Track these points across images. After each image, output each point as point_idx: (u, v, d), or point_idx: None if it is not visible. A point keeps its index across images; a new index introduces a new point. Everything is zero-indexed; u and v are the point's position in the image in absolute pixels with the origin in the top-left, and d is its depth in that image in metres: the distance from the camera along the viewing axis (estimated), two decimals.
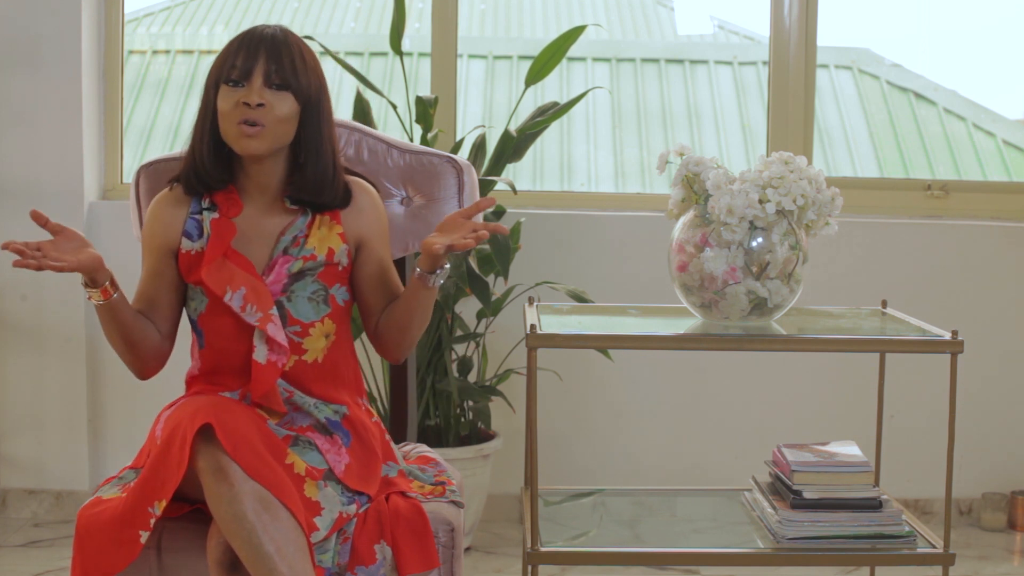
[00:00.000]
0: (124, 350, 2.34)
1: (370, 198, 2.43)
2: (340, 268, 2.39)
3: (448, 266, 2.32)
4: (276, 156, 2.34)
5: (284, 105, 2.29)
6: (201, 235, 2.35)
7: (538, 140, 3.92)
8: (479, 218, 2.40)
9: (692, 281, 2.63)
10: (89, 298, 2.26)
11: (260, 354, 2.28)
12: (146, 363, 2.37)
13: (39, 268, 2.16)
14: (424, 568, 2.25)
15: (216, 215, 2.34)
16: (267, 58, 2.28)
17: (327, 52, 3.70)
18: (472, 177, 2.69)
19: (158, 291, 2.38)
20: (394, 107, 3.79)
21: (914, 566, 3.25)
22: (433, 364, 3.74)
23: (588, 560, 2.70)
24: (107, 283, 2.26)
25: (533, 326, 2.58)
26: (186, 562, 2.23)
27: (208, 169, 2.33)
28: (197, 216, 2.36)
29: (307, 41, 2.40)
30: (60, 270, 2.18)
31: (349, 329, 2.44)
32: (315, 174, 2.34)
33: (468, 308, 3.92)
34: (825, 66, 4.98)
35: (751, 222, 2.59)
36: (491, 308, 3.74)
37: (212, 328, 2.35)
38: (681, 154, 2.69)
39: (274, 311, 2.30)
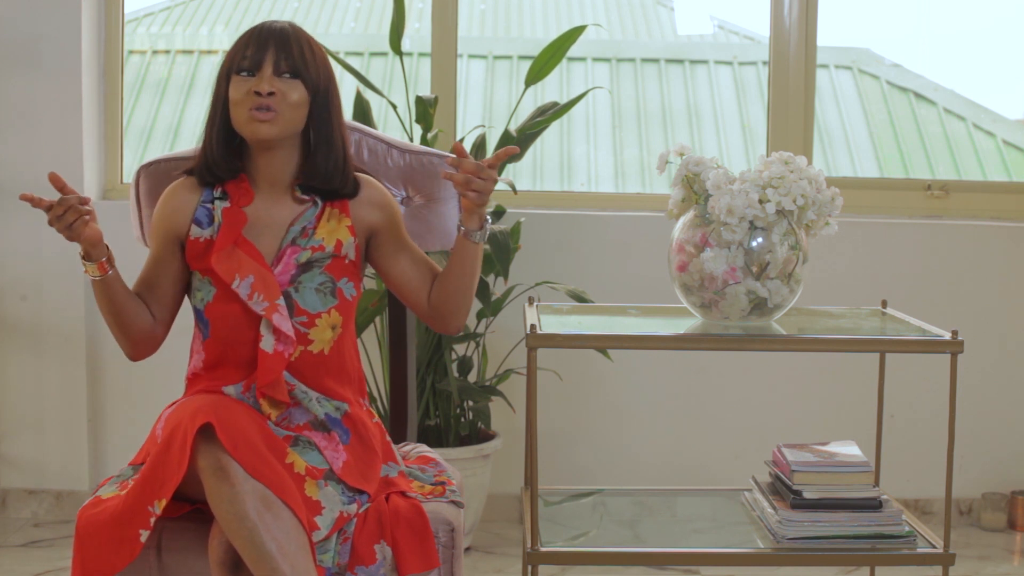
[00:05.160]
0: (114, 329, 2.38)
1: (378, 190, 2.47)
2: (347, 261, 2.40)
3: (490, 219, 2.34)
4: (287, 146, 2.38)
5: (294, 92, 2.33)
6: (211, 223, 2.37)
7: (538, 140, 3.92)
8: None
9: (692, 281, 2.63)
10: (85, 271, 2.30)
11: (267, 343, 2.30)
12: (135, 345, 2.39)
13: (72, 227, 2.21)
14: (424, 568, 2.25)
15: (227, 204, 2.37)
16: (276, 48, 2.33)
17: (327, 52, 3.70)
18: None
19: (159, 277, 2.40)
20: (394, 107, 3.79)
21: (914, 566, 3.25)
22: (433, 364, 3.74)
23: (588, 560, 2.70)
24: (104, 259, 2.29)
25: (533, 326, 2.58)
26: (186, 562, 2.23)
27: (218, 159, 2.37)
28: (208, 205, 2.39)
29: None
30: (81, 235, 2.22)
31: (355, 326, 2.46)
32: (326, 162, 2.38)
33: None
34: (825, 66, 4.98)
35: (751, 222, 2.59)
36: (491, 308, 3.74)
37: (219, 316, 2.35)
38: (681, 154, 2.69)
39: (281, 301, 2.32)
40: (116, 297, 2.33)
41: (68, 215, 2.21)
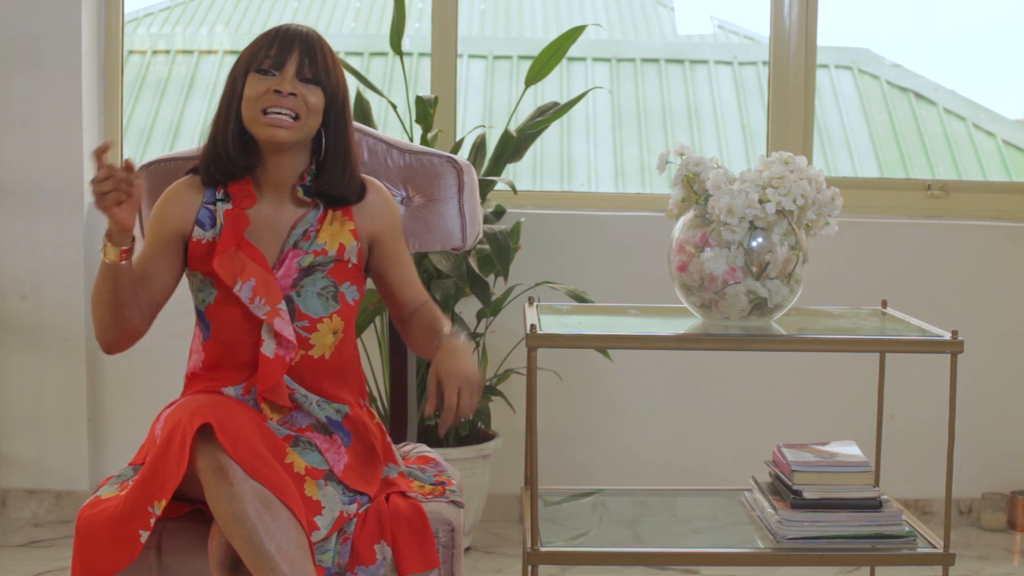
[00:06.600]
0: (108, 317, 2.30)
1: (382, 196, 2.47)
2: (350, 266, 2.40)
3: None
4: (298, 151, 2.37)
5: (313, 97, 2.33)
6: (214, 225, 2.36)
7: (538, 140, 3.92)
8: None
9: (692, 281, 2.63)
10: (102, 251, 2.25)
11: (268, 348, 2.30)
12: (121, 336, 2.32)
13: (105, 196, 2.16)
14: (424, 568, 2.25)
15: (230, 206, 2.36)
16: (302, 51, 2.34)
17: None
18: (472, 177, 2.69)
19: (155, 271, 2.37)
20: (394, 107, 3.79)
21: (914, 566, 3.25)
22: None
23: (588, 560, 2.70)
24: (125, 248, 2.24)
25: (533, 326, 2.58)
26: (186, 562, 2.23)
27: (232, 156, 2.35)
28: (211, 206, 2.37)
29: None
30: (109, 209, 2.17)
31: (355, 330, 2.45)
32: (334, 171, 2.38)
33: (468, 308, 3.92)
34: (825, 66, 4.98)
35: (751, 222, 2.59)
36: (491, 308, 3.74)
37: (220, 319, 2.35)
38: (681, 154, 2.69)
39: (282, 305, 2.31)
40: (122, 289, 2.28)
41: (106, 184, 2.15)
